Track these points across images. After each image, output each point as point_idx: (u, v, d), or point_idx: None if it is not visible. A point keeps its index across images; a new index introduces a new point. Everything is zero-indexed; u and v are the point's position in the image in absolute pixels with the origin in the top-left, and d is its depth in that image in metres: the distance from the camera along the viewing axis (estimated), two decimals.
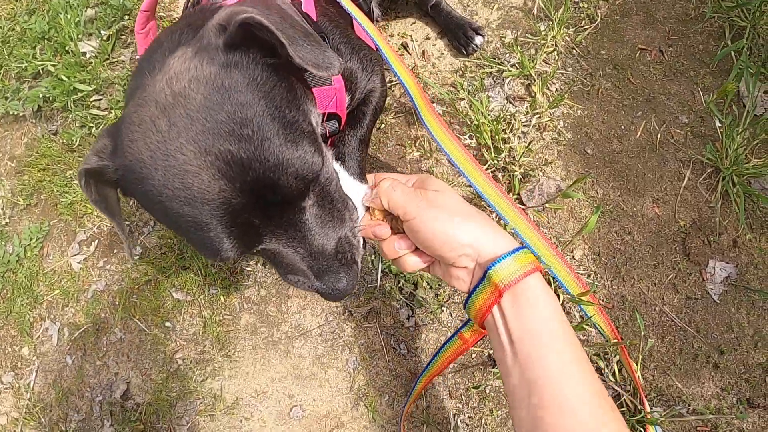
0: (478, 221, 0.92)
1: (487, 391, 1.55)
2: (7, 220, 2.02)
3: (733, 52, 1.70)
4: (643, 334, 1.50)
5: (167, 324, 1.77)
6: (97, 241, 1.91)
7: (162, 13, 2.11)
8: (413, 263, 0.97)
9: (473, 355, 1.58)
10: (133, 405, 1.73)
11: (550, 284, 1.43)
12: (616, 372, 1.49)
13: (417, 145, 1.79)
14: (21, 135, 2.13)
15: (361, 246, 0.93)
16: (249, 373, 1.69)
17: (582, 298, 1.43)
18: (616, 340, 1.44)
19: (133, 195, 0.82)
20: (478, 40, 1.84)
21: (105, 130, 0.83)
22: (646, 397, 1.46)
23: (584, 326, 1.47)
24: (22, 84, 2.12)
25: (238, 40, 0.76)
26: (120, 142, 0.78)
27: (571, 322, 1.53)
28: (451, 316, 1.62)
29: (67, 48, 2.04)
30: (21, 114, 2.09)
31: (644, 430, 1.42)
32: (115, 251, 1.88)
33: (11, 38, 2.21)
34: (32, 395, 1.84)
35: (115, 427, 1.73)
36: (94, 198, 0.81)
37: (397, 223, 0.96)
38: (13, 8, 2.30)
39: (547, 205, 1.64)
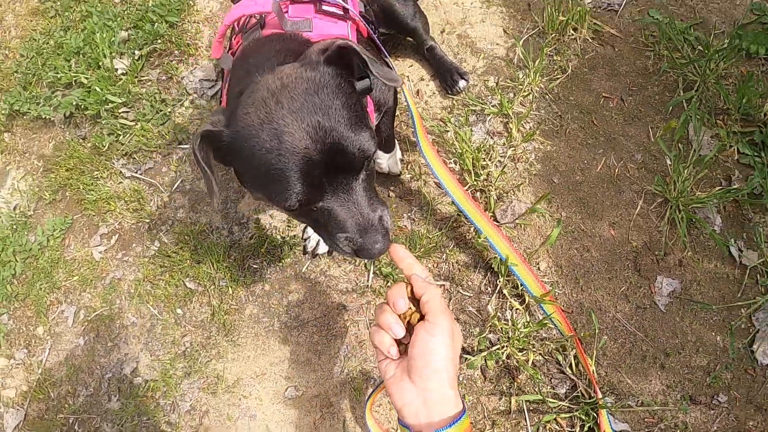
0: (455, 368, 0.98)
1: (460, 378, 1.77)
2: (32, 213, 2.22)
3: (684, 101, 2.02)
4: (597, 332, 1.74)
5: (178, 311, 1.97)
6: (117, 235, 2.12)
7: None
8: (387, 343, 1.01)
9: None
10: (141, 381, 1.91)
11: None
12: (573, 365, 1.72)
13: (409, 168, 2.05)
14: (49, 138, 2.35)
15: (389, 220, 1.14)
16: (250, 357, 1.89)
17: (543, 299, 1.69)
18: (571, 334, 1.69)
19: (235, 154, 1.08)
20: (462, 83, 2.13)
21: (217, 110, 1.11)
22: (599, 388, 1.69)
23: (544, 323, 1.72)
24: (54, 92, 2.36)
25: (334, 59, 1.07)
26: (233, 117, 1.06)
27: (535, 320, 1.77)
28: None
29: (100, 64, 2.28)
30: (50, 119, 2.32)
31: (597, 415, 1.65)
32: (134, 245, 2.09)
33: (45, 50, 2.46)
34: (43, 371, 2.01)
35: (122, 401, 1.90)
36: (203, 155, 1.05)
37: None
38: (48, 24, 2.56)
39: (517, 221, 1.90)
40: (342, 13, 1.49)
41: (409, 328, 1.01)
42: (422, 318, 1.00)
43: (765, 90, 1.99)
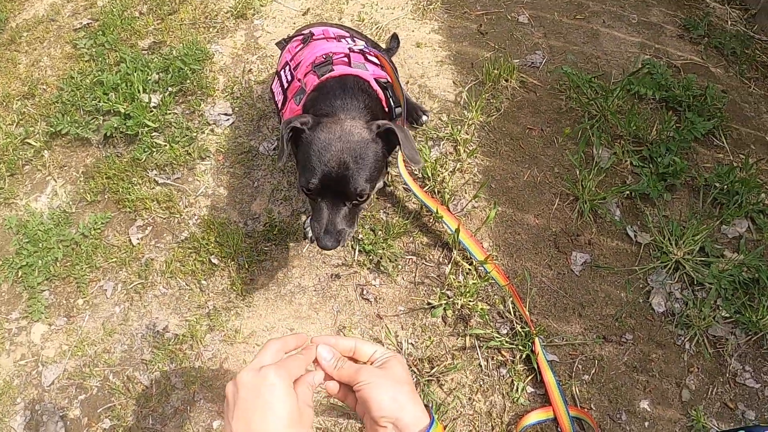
0: (408, 392, 1.11)
1: (426, 324, 2.31)
2: (73, 211, 2.70)
3: (588, 128, 2.73)
4: (529, 284, 2.34)
5: (203, 282, 2.45)
6: (151, 227, 2.62)
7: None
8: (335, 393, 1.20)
9: (417, 302, 2.36)
10: (171, 336, 2.36)
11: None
12: (512, 311, 2.30)
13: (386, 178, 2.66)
14: (86, 156, 2.87)
15: (346, 239, 1.84)
16: (262, 315, 2.38)
17: (485, 261, 2.29)
18: (507, 283, 2.28)
19: (302, 143, 1.77)
20: (424, 118, 2.80)
21: (310, 116, 1.78)
22: (531, 322, 2.25)
23: (487, 278, 2.30)
24: (93, 118, 2.90)
25: (382, 134, 1.78)
26: (315, 126, 1.75)
27: (481, 277, 2.35)
28: (404, 279, 2.41)
29: (135, 97, 2.85)
30: (89, 139, 2.85)
31: (532, 344, 2.20)
32: (165, 235, 2.59)
33: (83, 86, 3.01)
34: (82, 333, 2.41)
35: (153, 353, 2.33)
36: (288, 137, 1.73)
37: None
38: (83, 66, 3.15)
39: (465, 211, 2.53)
40: (379, 63, 2.18)
41: None
42: None
43: (652, 120, 2.75)
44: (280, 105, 2.18)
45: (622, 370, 2.22)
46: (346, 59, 2.07)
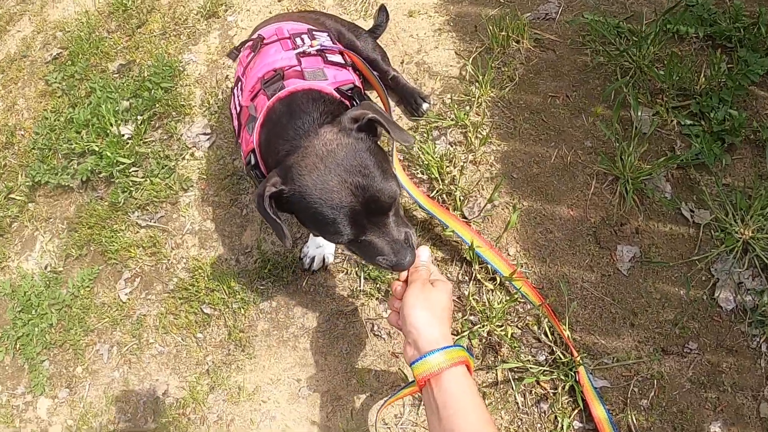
0: (437, 314, 1.39)
1: None
2: (62, 269, 2.52)
3: (624, 86, 2.24)
4: (567, 299, 1.95)
5: (199, 335, 2.21)
6: (139, 278, 2.39)
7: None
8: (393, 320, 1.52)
9: None
10: (172, 401, 2.15)
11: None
12: (548, 333, 1.92)
13: None
14: (69, 203, 2.67)
15: (414, 238, 1.48)
16: (265, 366, 2.12)
17: (512, 276, 1.91)
18: (541, 302, 1.90)
19: (294, 206, 1.41)
20: (425, 106, 2.38)
21: (274, 172, 1.42)
22: (575, 348, 1.88)
23: (515, 298, 1.93)
24: (70, 162, 2.68)
25: (363, 127, 1.39)
26: (289, 177, 1.37)
27: (510, 294, 1.98)
28: None
29: (108, 131, 2.60)
30: (69, 185, 2.64)
31: (576, 374, 1.84)
32: (154, 284, 2.36)
33: (57, 126, 2.80)
34: (85, 405, 2.25)
35: (157, 422, 2.13)
36: (271, 210, 1.39)
37: None
38: (56, 103, 2.93)
39: (483, 215, 2.14)
40: (343, 61, 1.80)
41: None
42: None
43: (698, 65, 2.23)
44: (237, 131, 1.85)
45: (687, 387, 1.83)
46: (299, 68, 1.71)
